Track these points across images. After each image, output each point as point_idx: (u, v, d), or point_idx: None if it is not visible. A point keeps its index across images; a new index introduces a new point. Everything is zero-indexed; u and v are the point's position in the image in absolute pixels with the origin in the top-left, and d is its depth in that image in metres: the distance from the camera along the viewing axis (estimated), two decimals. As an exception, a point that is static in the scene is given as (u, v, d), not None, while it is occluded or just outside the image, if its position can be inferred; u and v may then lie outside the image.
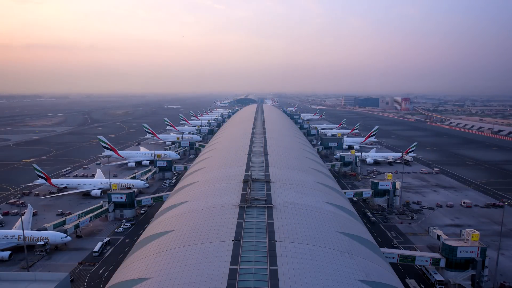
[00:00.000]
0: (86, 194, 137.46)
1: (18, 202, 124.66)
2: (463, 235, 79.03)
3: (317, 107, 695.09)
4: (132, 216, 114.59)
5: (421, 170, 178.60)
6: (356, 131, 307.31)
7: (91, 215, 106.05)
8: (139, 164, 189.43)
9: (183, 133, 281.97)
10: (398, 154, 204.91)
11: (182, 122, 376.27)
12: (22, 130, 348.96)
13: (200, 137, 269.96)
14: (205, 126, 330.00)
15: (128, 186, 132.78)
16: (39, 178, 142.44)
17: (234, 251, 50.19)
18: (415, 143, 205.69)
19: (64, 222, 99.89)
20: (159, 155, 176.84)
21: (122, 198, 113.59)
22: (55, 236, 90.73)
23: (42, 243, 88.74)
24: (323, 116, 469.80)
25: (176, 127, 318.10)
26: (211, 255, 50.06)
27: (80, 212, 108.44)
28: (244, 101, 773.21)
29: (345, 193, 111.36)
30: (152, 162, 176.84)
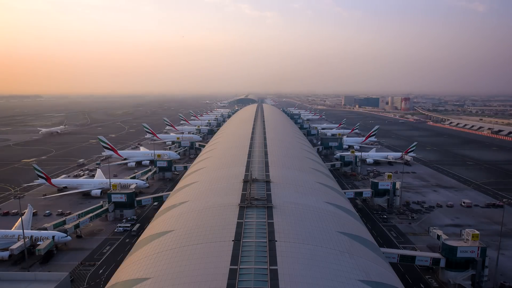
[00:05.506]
0: (86, 194, 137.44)
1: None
2: (463, 235, 79.04)
3: (317, 107, 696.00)
4: (133, 216, 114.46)
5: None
6: (356, 131, 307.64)
7: (91, 215, 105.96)
8: (139, 164, 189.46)
9: (183, 133, 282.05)
10: (398, 154, 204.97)
11: (182, 122, 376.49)
12: (22, 130, 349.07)
13: (200, 137, 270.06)
14: (205, 126, 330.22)
15: (132, 186, 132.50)
16: (39, 178, 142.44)
17: (234, 251, 50.14)
18: (415, 143, 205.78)
19: (64, 222, 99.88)
20: (159, 155, 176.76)
21: (122, 198, 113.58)
22: (55, 235, 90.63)
23: (41, 242, 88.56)
24: (323, 116, 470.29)
25: (175, 127, 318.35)
26: (211, 255, 50.04)
27: (80, 212, 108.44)
28: (244, 101, 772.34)
29: (345, 193, 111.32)
30: (152, 162, 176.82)
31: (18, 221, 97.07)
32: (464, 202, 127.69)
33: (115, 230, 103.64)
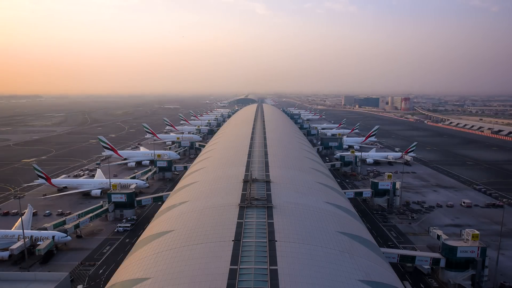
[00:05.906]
0: (86, 194, 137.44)
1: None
2: (463, 235, 79.04)
3: (317, 107, 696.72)
4: (133, 216, 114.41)
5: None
6: (356, 131, 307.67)
7: (91, 215, 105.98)
8: (139, 164, 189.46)
9: (183, 133, 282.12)
10: (398, 154, 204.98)
11: (182, 122, 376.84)
12: (22, 130, 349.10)
13: (200, 137, 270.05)
14: (205, 126, 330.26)
15: (132, 186, 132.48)
16: (39, 178, 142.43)
17: (234, 251, 50.15)
18: (415, 143, 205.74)
19: (64, 222, 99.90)
20: (159, 155, 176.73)
21: (122, 198, 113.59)
22: (55, 235, 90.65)
23: (41, 242, 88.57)
24: (323, 116, 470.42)
25: (176, 127, 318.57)
26: (211, 255, 50.05)
27: (80, 212, 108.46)
28: (244, 101, 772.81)
29: (345, 193, 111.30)
30: (152, 162, 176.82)
31: (18, 221, 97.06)
32: (464, 202, 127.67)
33: (115, 230, 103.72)
